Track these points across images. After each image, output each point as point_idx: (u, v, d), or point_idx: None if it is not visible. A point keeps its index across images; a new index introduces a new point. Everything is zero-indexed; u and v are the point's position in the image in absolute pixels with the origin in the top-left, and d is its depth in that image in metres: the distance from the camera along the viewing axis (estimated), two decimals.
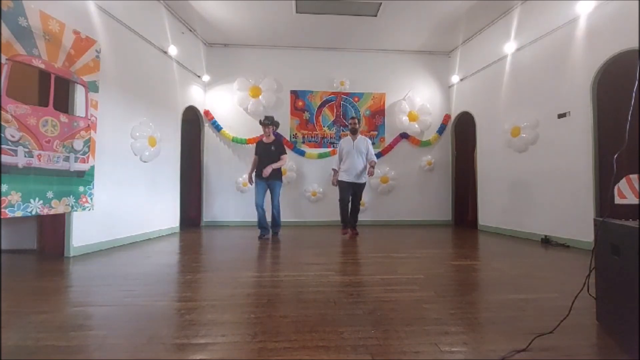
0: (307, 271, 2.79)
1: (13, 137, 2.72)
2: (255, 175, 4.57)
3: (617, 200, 3.14)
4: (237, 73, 6.15)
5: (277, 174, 4.57)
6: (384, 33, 5.74)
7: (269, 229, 4.61)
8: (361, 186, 4.68)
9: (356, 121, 4.72)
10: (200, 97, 6.06)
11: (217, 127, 6.12)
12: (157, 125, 4.62)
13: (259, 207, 4.46)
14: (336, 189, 4.72)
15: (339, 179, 4.66)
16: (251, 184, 4.67)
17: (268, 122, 4.55)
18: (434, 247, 3.98)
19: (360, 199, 4.78)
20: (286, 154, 4.66)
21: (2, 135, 2.64)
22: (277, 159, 4.51)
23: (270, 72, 6.19)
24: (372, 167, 4.52)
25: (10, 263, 3.11)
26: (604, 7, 3.58)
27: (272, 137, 4.61)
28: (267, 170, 4.36)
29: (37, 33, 2.92)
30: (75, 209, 3.34)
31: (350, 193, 4.64)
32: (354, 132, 4.70)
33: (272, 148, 4.53)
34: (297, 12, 5.06)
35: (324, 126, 6.36)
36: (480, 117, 5.68)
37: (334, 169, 4.80)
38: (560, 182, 4.10)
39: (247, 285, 2.41)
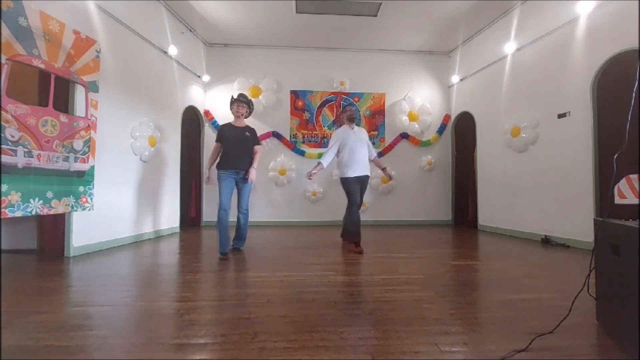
0: (307, 271, 2.79)
1: (13, 137, 2.72)
2: (220, 168, 3.41)
3: (617, 200, 3.15)
4: (237, 73, 6.15)
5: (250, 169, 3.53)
6: (384, 33, 5.74)
7: (229, 244, 3.42)
8: (367, 179, 3.87)
9: (353, 109, 3.96)
10: (200, 97, 6.06)
11: (217, 127, 6.11)
12: (157, 125, 4.63)
13: (224, 210, 3.31)
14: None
15: (343, 176, 3.74)
16: (209, 184, 3.59)
17: (244, 100, 3.57)
18: (434, 247, 3.97)
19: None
20: (261, 145, 3.76)
21: (2, 135, 2.64)
22: (252, 149, 3.55)
23: (270, 72, 6.19)
24: (385, 168, 4.07)
25: (10, 263, 3.11)
26: (604, 7, 3.58)
27: (244, 123, 3.63)
28: (252, 175, 3.45)
29: (37, 33, 2.92)
30: (75, 209, 3.34)
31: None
32: (351, 121, 3.90)
33: (247, 134, 3.52)
34: (297, 12, 5.06)
35: (324, 126, 6.36)
36: (480, 117, 5.68)
37: (320, 162, 3.70)
38: (560, 182, 4.09)
39: (247, 285, 2.41)
